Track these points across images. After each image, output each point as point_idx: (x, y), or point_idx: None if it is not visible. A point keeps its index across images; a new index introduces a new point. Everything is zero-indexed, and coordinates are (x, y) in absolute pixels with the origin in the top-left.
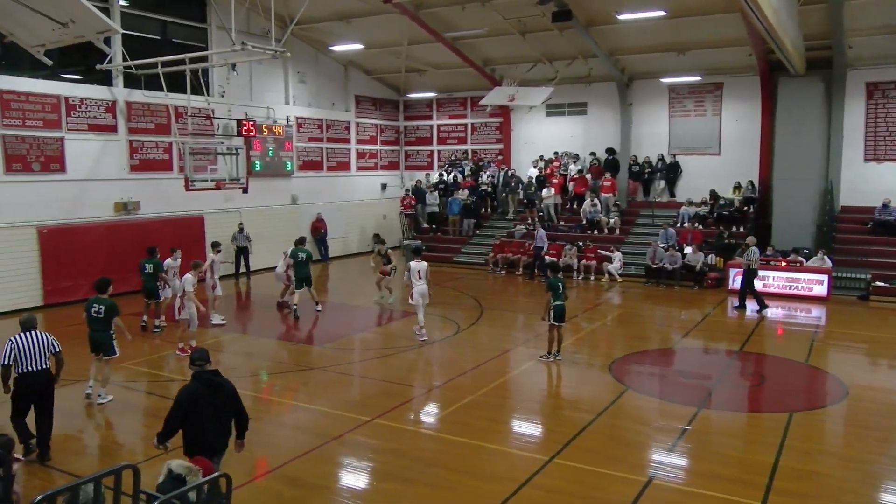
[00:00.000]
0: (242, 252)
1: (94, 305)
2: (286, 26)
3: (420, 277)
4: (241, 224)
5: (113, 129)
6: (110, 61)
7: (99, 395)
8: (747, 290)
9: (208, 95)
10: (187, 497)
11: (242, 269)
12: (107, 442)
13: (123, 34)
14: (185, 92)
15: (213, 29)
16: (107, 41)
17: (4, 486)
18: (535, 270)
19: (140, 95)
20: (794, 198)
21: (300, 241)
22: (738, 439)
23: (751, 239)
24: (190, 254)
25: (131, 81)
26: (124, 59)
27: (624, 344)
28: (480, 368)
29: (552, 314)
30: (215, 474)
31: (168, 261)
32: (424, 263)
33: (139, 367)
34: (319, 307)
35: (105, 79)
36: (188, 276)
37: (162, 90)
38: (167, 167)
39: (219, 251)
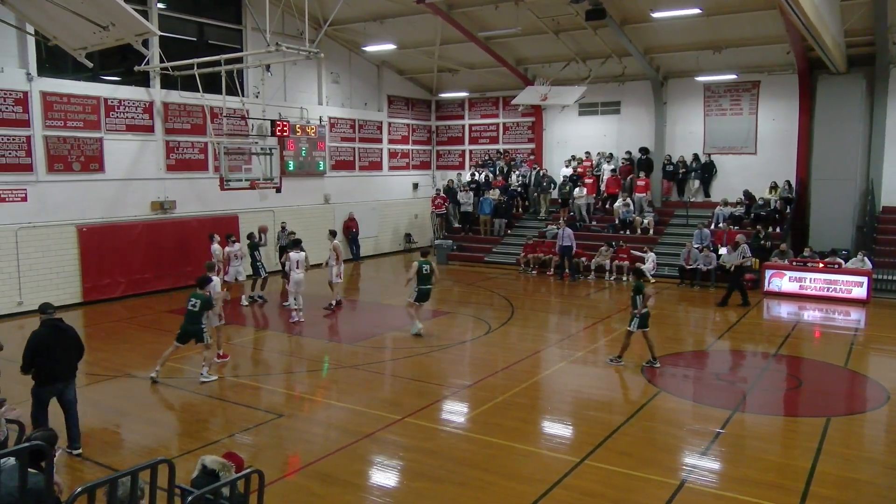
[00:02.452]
0: (285, 251)
1: (192, 300)
2: (320, 27)
3: (298, 267)
4: (283, 223)
5: (150, 129)
6: (148, 63)
7: (201, 375)
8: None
9: (243, 96)
10: (221, 492)
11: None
12: (142, 436)
13: (161, 36)
14: (220, 93)
15: (248, 30)
16: (145, 43)
17: (46, 477)
18: (566, 271)
19: (176, 96)
20: (832, 198)
21: (424, 254)
22: (774, 443)
23: (740, 237)
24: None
25: (168, 82)
26: (161, 61)
27: (657, 346)
28: (511, 369)
29: (637, 321)
30: (248, 470)
31: (227, 248)
32: (303, 254)
33: (174, 363)
34: (419, 328)
35: (143, 80)
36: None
37: (198, 91)
38: (203, 167)
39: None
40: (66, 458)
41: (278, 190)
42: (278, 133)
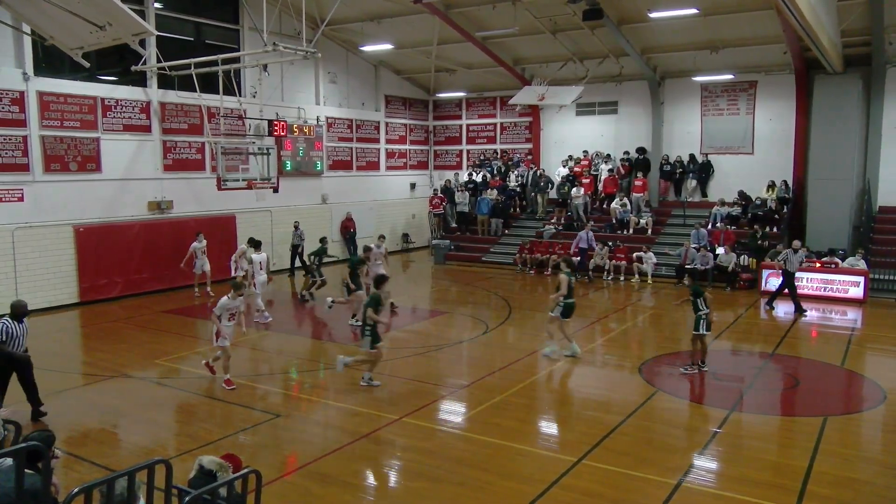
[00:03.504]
0: (296, 250)
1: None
2: (317, 27)
3: (261, 269)
4: (296, 222)
5: (147, 129)
6: (145, 63)
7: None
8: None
9: (240, 96)
10: (218, 493)
11: (298, 264)
12: (139, 436)
13: (158, 36)
14: (217, 93)
15: (245, 30)
16: (142, 43)
17: (44, 478)
18: (589, 274)
19: (174, 96)
20: (829, 198)
21: (570, 265)
22: (772, 443)
23: (796, 243)
24: (222, 251)
25: (165, 82)
26: (158, 61)
27: (654, 345)
28: (509, 368)
29: (704, 324)
30: (245, 470)
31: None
32: (264, 255)
33: (172, 363)
34: (553, 349)
35: (140, 80)
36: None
37: (195, 91)
38: (200, 167)
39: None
40: (63, 458)
41: (275, 190)
42: (275, 133)
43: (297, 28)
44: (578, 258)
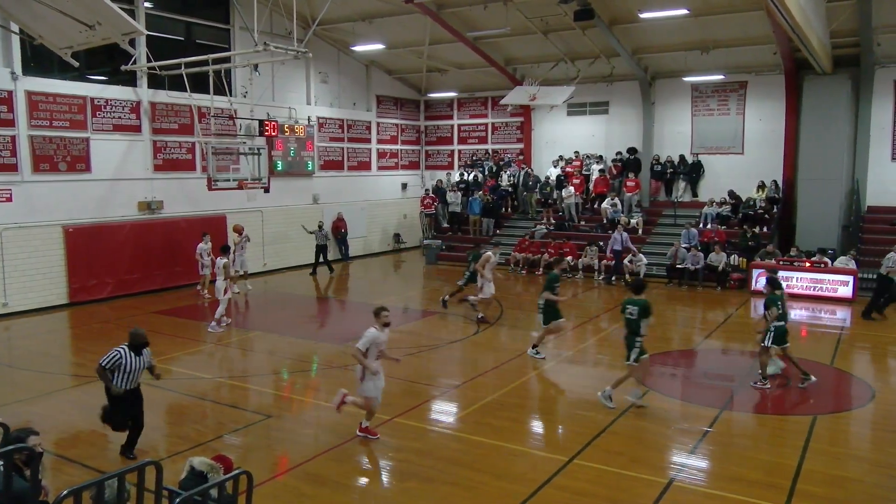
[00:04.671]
0: (321, 250)
1: (629, 307)
2: (308, 27)
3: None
4: (320, 223)
5: (137, 129)
6: (135, 62)
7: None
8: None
9: (231, 96)
10: (209, 494)
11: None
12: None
13: (148, 35)
14: (208, 92)
15: (235, 30)
16: (132, 43)
17: (32, 480)
18: (615, 277)
19: (164, 96)
20: (818, 198)
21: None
22: (761, 442)
23: None
24: (213, 252)
25: (155, 82)
26: (148, 61)
27: (646, 345)
28: (501, 368)
29: (771, 335)
30: (236, 471)
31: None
32: (224, 259)
33: (163, 364)
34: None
35: (130, 80)
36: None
37: (185, 91)
38: (190, 167)
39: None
40: (52, 460)
41: (266, 190)
42: (266, 133)
43: (288, 28)
44: (613, 261)
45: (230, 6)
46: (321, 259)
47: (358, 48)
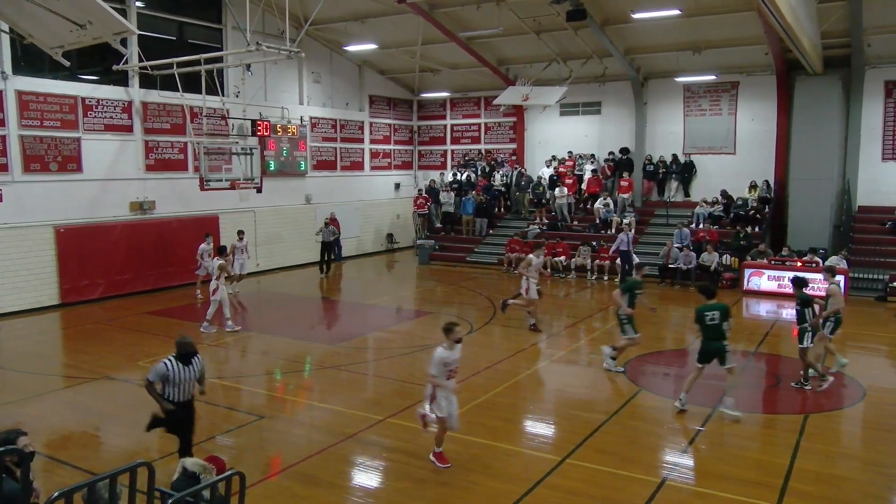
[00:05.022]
0: (327, 247)
1: (708, 313)
2: (301, 27)
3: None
4: (326, 220)
5: (129, 129)
6: (126, 62)
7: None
8: None
9: (223, 96)
10: (201, 495)
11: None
12: (122, 439)
13: (139, 35)
14: (200, 92)
15: (228, 29)
16: (123, 42)
17: (23, 481)
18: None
19: (156, 96)
20: (810, 197)
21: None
22: (754, 441)
23: None
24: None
25: (147, 82)
26: (140, 60)
27: (638, 344)
28: (494, 368)
29: (809, 336)
30: (229, 472)
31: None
32: (221, 260)
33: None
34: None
35: (121, 79)
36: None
37: (177, 90)
38: (182, 167)
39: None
40: (43, 462)
41: (259, 190)
42: (259, 133)
43: (280, 27)
44: (620, 262)
45: (222, 6)
46: (329, 257)
47: (350, 48)
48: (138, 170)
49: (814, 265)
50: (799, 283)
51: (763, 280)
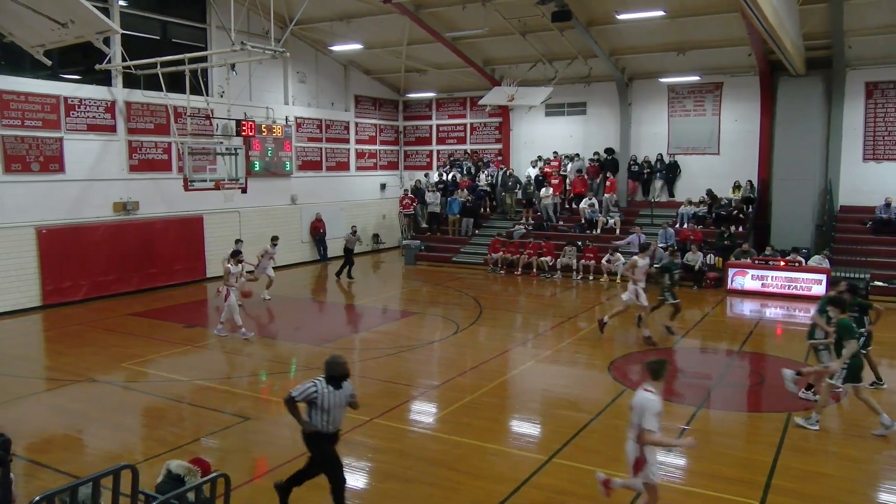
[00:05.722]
0: (350, 254)
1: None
2: (286, 26)
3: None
4: (354, 227)
5: (112, 129)
6: (109, 61)
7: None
8: None
9: (208, 95)
10: (186, 497)
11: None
12: (106, 442)
13: (123, 34)
14: (184, 92)
15: (212, 29)
16: (106, 41)
17: (3, 486)
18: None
19: (139, 95)
20: (793, 197)
21: (847, 291)
22: (738, 439)
23: None
24: (189, 252)
25: (130, 81)
26: (124, 60)
27: (623, 343)
28: (480, 368)
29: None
30: (214, 474)
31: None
32: (229, 266)
33: (140, 367)
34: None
35: (104, 79)
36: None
37: (161, 90)
38: (166, 167)
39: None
40: (25, 466)
41: (244, 190)
42: (244, 133)
43: (265, 27)
44: (657, 265)
45: (207, 5)
46: (350, 263)
47: (336, 48)
48: (122, 170)
49: (796, 265)
50: (854, 290)
51: (747, 279)
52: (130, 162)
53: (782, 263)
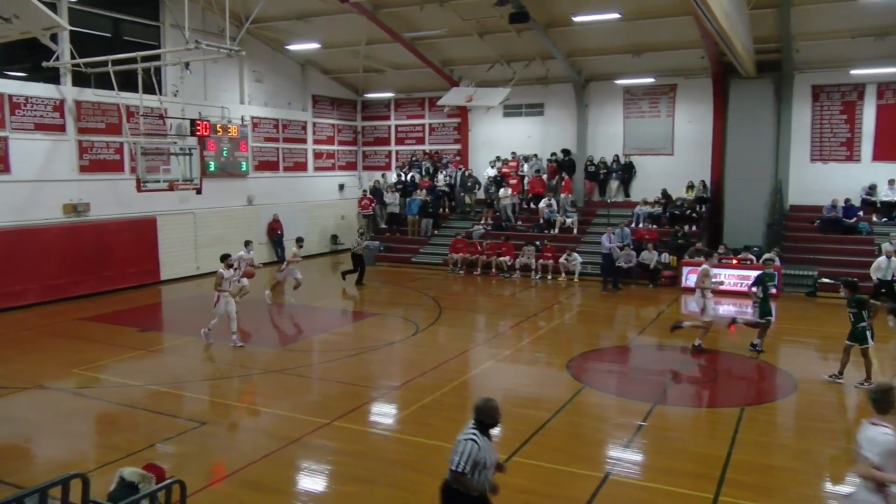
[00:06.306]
0: (358, 259)
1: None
2: (242, 25)
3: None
4: (360, 229)
5: (61, 128)
6: (58, 59)
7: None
8: None
9: (161, 95)
10: None
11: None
12: (56, 450)
13: (72, 31)
14: (137, 91)
15: (166, 27)
16: (54, 38)
17: None
18: (616, 280)
19: (90, 94)
20: (745, 197)
21: (845, 288)
22: (693, 434)
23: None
24: (141, 254)
25: (80, 80)
26: (73, 57)
27: (581, 342)
28: (440, 368)
29: (869, 335)
30: (169, 481)
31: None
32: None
33: (92, 372)
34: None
35: (53, 77)
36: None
37: (113, 89)
38: (119, 168)
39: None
40: None
41: (199, 191)
42: (198, 133)
43: (220, 25)
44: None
45: (160, 3)
46: (357, 268)
47: (293, 47)
48: (72, 171)
49: (748, 262)
50: (851, 287)
51: None
52: (81, 162)
53: (735, 261)
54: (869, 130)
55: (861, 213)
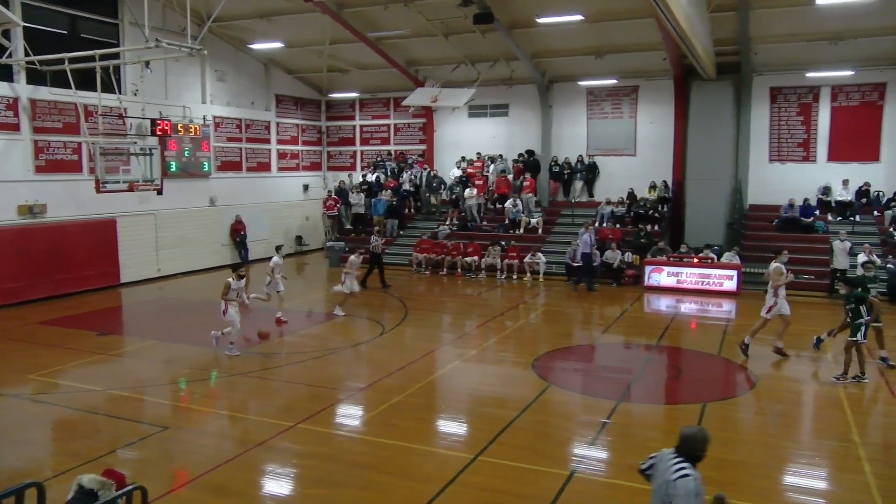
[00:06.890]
0: (376, 259)
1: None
2: (203, 23)
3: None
4: (377, 228)
5: (15, 127)
6: (11, 56)
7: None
8: None
9: (120, 94)
10: None
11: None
12: (10, 459)
13: (25, 27)
14: (95, 90)
15: (125, 25)
16: (6, 34)
17: None
18: (592, 280)
19: (46, 93)
20: (705, 197)
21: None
22: (657, 430)
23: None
24: (101, 256)
25: (36, 78)
26: (27, 54)
27: (546, 341)
28: (406, 369)
29: (864, 331)
30: (130, 487)
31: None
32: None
33: (49, 378)
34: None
35: (5, 74)
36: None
37: (70, 88)
38: (76, 168)
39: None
40: None
41: (159, 192)
42: (159, 132)
43: (181, 24)
44: (579, 264)
45: (118, 0)
46: (374, 268)
47: (256, 46)
48: (27, 171)
49: (709, 261)
50: (850, 283)
51: (663, 276)
52: (37, 162)
53: (696, 260)
54: (824, 132)
55: (818, 212)
